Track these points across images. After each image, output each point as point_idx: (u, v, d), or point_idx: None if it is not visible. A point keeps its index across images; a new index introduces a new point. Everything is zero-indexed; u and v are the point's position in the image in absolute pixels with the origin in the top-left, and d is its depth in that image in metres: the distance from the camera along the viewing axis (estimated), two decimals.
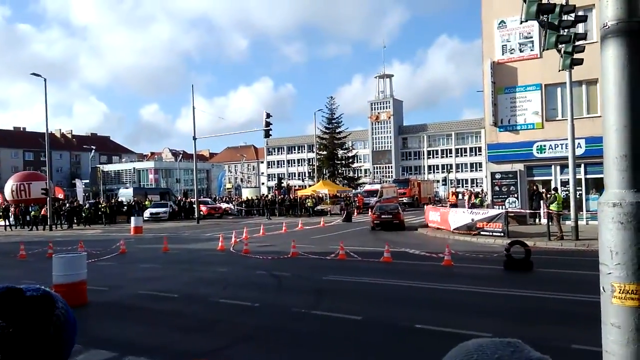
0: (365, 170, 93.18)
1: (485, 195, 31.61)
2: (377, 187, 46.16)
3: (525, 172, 23.37)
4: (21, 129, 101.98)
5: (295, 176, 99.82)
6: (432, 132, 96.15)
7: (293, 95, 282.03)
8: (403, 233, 23.42)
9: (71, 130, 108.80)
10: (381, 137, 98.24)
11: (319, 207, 40.98)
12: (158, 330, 7.79)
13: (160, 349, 6.79)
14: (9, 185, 43.09)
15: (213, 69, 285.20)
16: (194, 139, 37.51)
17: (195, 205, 38.14)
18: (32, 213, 35.31)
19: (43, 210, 34.38)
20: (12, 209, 37.48)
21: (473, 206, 27.96)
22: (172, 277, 12.79)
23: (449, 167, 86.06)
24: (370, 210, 39.74)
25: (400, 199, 47.01)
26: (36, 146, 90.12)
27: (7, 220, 35.99)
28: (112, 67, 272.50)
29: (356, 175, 70.58)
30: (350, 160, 66.82)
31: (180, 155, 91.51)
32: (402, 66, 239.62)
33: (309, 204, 41.50)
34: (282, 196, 45.62)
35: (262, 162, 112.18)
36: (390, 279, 11.36)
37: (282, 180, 53.66)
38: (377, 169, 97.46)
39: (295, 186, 70.37)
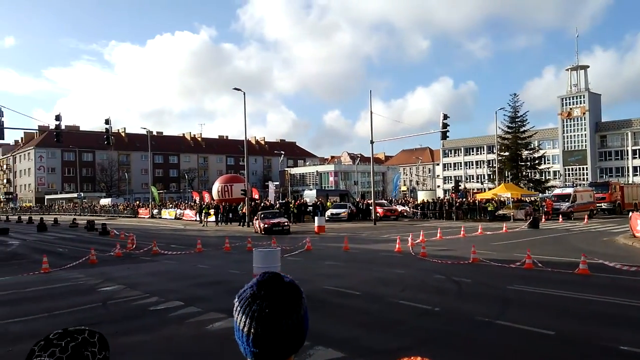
0: (555, 173, 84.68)
1: None
2: (569, 190, 41.60)
3: None
4: (224, 137, 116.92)
5: (473, 179, 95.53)
6: (638, 129, 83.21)
7: (474, 93, 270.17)
8: (602, 243, 20.81)
9: (264, 137, 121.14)
10: (574, 135, 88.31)
11: (500, 212, 38.62)
12: (344, 325, 8.28)
13: (346, 342, 7.22)
14: (216, 187, 49.94)
15: (392, 72, 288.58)
16: (371, 142, 38.59)
17: (372, 207, 39.22)
18: (240, 211, 40.26)
19: (243, 208, 38.91)
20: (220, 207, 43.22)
21: None
22: (354, 275, 13.42)
23: None
24: (560, 216, 36.24)
25: (598, 205, 41.80)
26: (236, 152, 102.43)
27: (217, 217, 41.61)
28: (300, 76, 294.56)
29: (544, 177, 64.63)
30: (537, 162, 61.38)
31: (358, 159, 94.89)
32: (605, 54, 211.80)
33: (489, 208, 39.39)
34: (459, 199, 44.17)
35: (438, 165, 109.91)
36: (587, 294, 10.25)
37: (460, 183, 51.91)
38: (568, 170, 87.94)
39: (473, 189, 67.37)
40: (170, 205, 59.28)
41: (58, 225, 44.45)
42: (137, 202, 69.51)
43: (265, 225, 28.85)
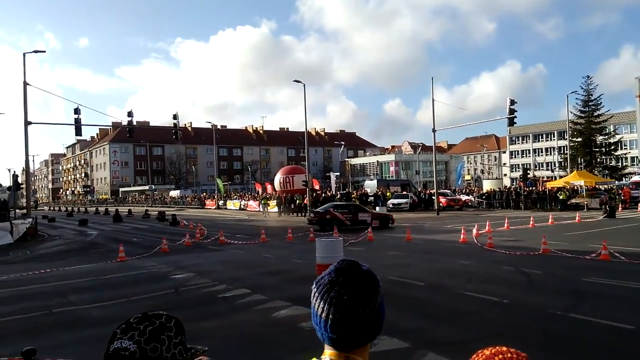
0: (633, 159, 79.25)
1: None
2: None
3: None
4: (285, 129, 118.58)
5: (542, 166, 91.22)
6: None
7: (544, 76, 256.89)
8: None
9: (324, 128, 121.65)
10: None
11: (572, 201, 36.72)
12: (408, 315, 8.22)
13: (411, 332, 7.17)
14: (278, 178, 50.90)
15: (455, 57, 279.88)
16: (434, 131, 37.77)
17: (434, 197, 38.49)
18: (297, 202, 40.87)
19: (305, 199, 39.43)
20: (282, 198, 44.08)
21: None
22: (417, 266, 13.27)
23: None
24: (638, 205, 33.86)
25: None
26: (296, 144, 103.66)
27: (279, 207, 42.45)
28: (360, 66, 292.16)
29: (620, 164, 60.63)
30: (613, 147, 57.63)
31: (419, 148, 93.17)
32: None
33: (561, 197, 37.52)
34: (528, 188, 42.38)
35: (504, 152, 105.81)
36: None
37: (528, 171, 49.77)
38: None
39: (543, 177, 64.40)
40: (235, 197, 60.99)
41: (132, 216, 47.00)
42: (204, 194, 72.04)
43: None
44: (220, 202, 58.48)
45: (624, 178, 52.82)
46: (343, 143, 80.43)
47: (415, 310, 8.60)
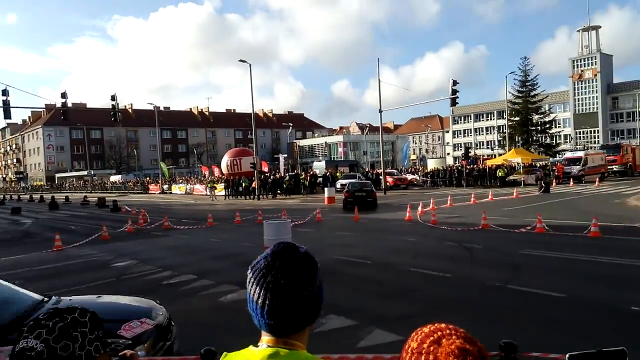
0: (566, 136, 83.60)
1: None
2: (581, 154, 41.19)
3: None
4: (232, 111, 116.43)
5: (483, 145, 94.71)
6: None
7: (485, 57, 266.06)
8: (614, 205, 20.66)
9: (271, 110, 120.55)
10: (585, 98, 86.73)
11: (511, 177, 38.42)
12: (356, 293, 8.33)
13: (359, 310, 7.26)
14: (225, 161, 50.10)
15: (401, 38, 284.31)
16: (380, 111, 38.20)
17: (381, 177, 39.15)
18: (243, 185, 40.40)
19: (253, 182, 38.99)
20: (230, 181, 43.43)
21: None
22: (365, 245, 13.47)
23: None
24: (571, 180, 35.92)
25: (609, 167, 41.38)
26: (244, 125, 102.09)
27: (226, 191, 41.81)
28: (307, 46, 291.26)
29: (554, 142, 63.89)
30: (547, 126, 60.55)
31: (367, 129, 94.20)
32: (621, 12, 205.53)
33: (499, 174, 39.16)
34: (469, 166, 43.92)
35: (448, 132, 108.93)
36: (599, 256, 10.21)
37: (469, 150, 51.54)
38: (579, 134, 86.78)
39: (483, 155, 66.89)
40: (180, 181, 59.63)
41: (70, 203, 44.98)
42: (147, 178, 69.97)
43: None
44: (165, 187, 56.99)
45: (557, 155, 55.71)
46: (291, 124, 79.90)
47: (362, 288, 8.72)
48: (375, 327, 6.38)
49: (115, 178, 73.88)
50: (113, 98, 30.91)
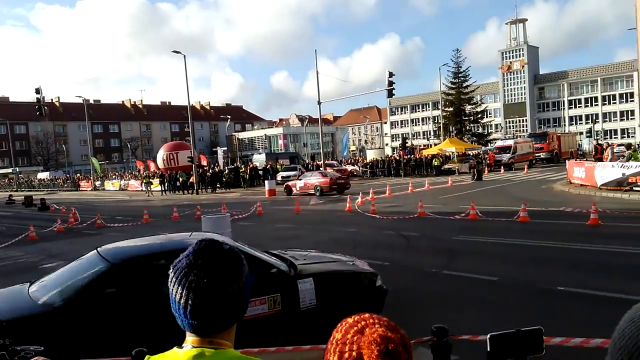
0: (496, 126, 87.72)
1: (639, 147, 27.92)
2: (510, 142, 43.30)
3: None
4: (167, 103, 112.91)
5: (420, 135, 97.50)
6: (573, 80, 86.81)
7: (421, 49, 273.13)
8: (541, 191, 21.88)
9: (209, 102, 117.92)
10: (514, 88, 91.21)
11: (446, 166, 39.79)
12: None
13: None
14: (161, 155, 48.48)
15: (339, 30, 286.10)
16: (319, 103, 38.30)
17: (322, 168, 39.35)
18: (181, 179, 39.34)
19: (191, 178, 38.02)
20: (166, 176, 42.11)
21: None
22: (306, 237, 13.48)
23: (594, 118, 77.51)
24: (501, 168, 37.72)
25: (537, 155, 43.74)
26: (180, 118, 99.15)
27: (162, 186, 40.57)
28: (245, 37, 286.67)
29: (486, 131, 66.81)
30: (479, 116, 63.23)
31: (306, 120, 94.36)
32: (546, 5, 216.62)
33: (435, 163, 40.49)
34: (407, 156, 45.05)
35: (386, 123, 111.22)
36: (527, 239, 10.77)
37: (407, 140, 52.88)
38: (509, 123, 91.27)
39: (420, 146, 68.86)
40: (114, 176, 57.33)
41: None
42: (78, 175, 66.78)
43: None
44: (98, 183, 54.57)
45: (489, 144, 58.29)
46: (229, 117, 78.51)
47: None
48: None
49: (43, 175, 69.91)
50: (38, 91, 29.15)
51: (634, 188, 17.31)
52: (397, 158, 45.91)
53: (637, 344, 0.67)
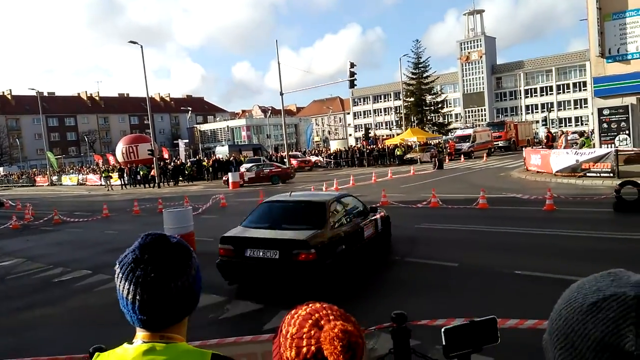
0: (456, 115, 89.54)
1: (592, 135, 29.09)
2: (470, 131, 44.27)
3: (639, 106, 21.17)
4: (125, 95, 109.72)
5: (382, 126, 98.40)
6: (529, 69, 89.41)
7: (382, 40, 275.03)
8: (499, 178, 22.51)
9: (169, 94, 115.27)
10: (472, 78, 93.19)
11: (408, 156, 40.37)
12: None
13: (264, 295, 7.26)
14: (119, 148, 47.19)
15: (300, 20, 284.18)
16: (281, 94, 38.09)
17: (286, 159, 39.26)
18: (142, 173, 38.44)
19: (152, 171, 37.17)
20: (126, 169, 41.06)
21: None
22: None
23: (549, 106, 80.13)
24: (462, 156, 38.59)
25: (495, 143, 44.91)
26: (140, 110, 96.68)
27: (122, 180, 39.55)
28: (205, 27, 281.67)
29: (446, 120, 68.05)
30: (440, 106, 64.34)
31: (269, 112, 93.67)
32: None
33: (397, 153, 41.02)
34: (370, 146, 45.44)
35: (349, 114, 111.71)
36: (486, 226, 11.09)
37: (369, 131, 53.31)
38: (468, 112, 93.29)
39: (382, 136, 69.57)
40: (71, 171, 55.51)
41: None
42: (34, 170, 64.39)
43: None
44: (54, 178, 52.69)
45: (449, 133, 59.42)
46: (190, 109, 76.94)
47: None
48: (281, 308, 6.40)
49: None
50: None
51: (587, 174, 18.04)
52: (361, 148, 46.24)
53: (572, 327, 0.71)
